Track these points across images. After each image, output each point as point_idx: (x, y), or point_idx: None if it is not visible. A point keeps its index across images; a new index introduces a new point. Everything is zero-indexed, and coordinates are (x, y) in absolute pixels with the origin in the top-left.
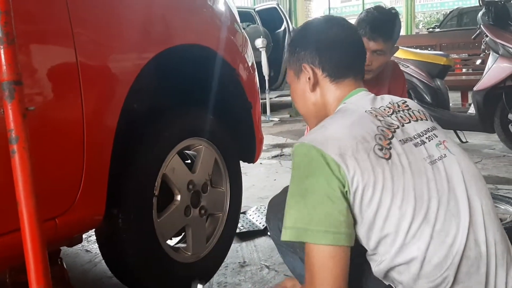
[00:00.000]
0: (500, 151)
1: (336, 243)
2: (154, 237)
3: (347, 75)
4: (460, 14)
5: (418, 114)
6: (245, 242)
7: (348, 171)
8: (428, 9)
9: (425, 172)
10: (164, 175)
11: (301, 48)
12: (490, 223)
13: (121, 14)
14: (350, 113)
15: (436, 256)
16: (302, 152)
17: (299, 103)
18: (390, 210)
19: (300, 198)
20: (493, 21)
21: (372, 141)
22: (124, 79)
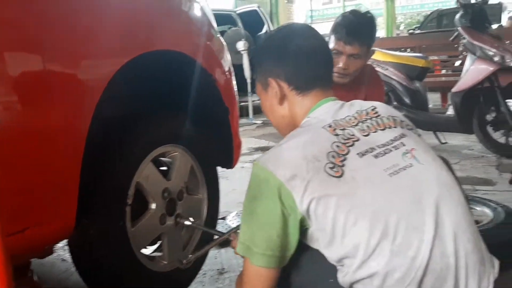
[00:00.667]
0: (478, 151)
1: (268, 266)
2: (128, 247)
3: (314, 86)
4: (440, 15)
5: (387, 121)
6: (224, 248)
7: (297, 194)
8: (409, 11)
9: (384, 185)
10: (138, 184)
11: (266, 62)
12: (460, 233)
13: (91, 19)
14: (307, 131)
15: (397, 271)
16: (254, 172)
17: (269, 115)
18: (345, 228)
19: (249, 217)
20: (470, 23)
21: (324, 159)
22: (95, 86)
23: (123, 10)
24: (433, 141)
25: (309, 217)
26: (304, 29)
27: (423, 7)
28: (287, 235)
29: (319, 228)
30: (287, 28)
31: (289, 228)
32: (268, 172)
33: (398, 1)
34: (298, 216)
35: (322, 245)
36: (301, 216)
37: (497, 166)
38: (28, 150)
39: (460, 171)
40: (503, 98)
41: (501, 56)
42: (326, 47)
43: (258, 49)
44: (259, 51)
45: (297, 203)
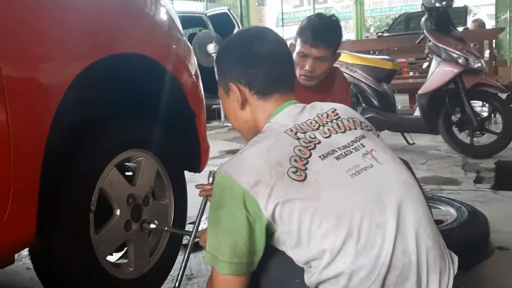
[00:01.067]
0: (445, 152)
1: (236, 273)
2: (92, 254)
3: (275, 90)
4: (407, 18)
5: (347, 123)
6: (193, 253)
7: (261, 200)
8: (378, 14)
9: (347, 186)
10: (101, 190)
11: (226, 67)
12: (421, 230)
13: (50, 21)
14: (269, 136)
15: (363, 269)
16: (217, 181)
17: (231, 119)
18: (311, 229)
19: (214, 226)
20: (435, 26)
21: (287, 164)
22: (54, 90)
23: (85, 12)
24: (401, 142)
25: (275, 222)
26: (264, 33)
27: (392, 10)
28: (254, 241)
29: (285, 231)
30: (247, 32)
31: (255, 235)
32: (231, 179)
33: (367, 4)
34: (264, 221)
35: (289, 248)
36: (266, 221)
37: (463, 166)
38: None
39: (427, 171)
40: (467, 99)
41: (465, 58)
42: (286, 51)
43: (218, 53)
44: (219, 55)
45: (262, 208)
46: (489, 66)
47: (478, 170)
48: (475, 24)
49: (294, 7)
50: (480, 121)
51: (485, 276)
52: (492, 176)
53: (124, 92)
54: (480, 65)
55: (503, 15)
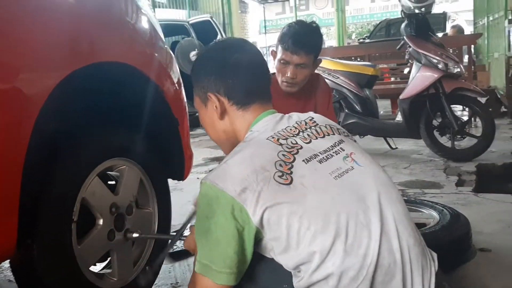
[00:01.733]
0: (427, 156)
1: (227, 283)
2: (75, 265)
3: (254, 100)
4: (388, 25)
5: (325, 129)
6: (178, 262)
7: (249, 206)
8: (359, 21)
9: (331, 188)
10: (83, 199)
11: (204, 76)
12: (403, 229)
13: (29, 30)
14: (251, 144)
15: (351, 269)
16: (203, 191)
17: (209, 130)
18: (299, 232)
19: (203, 236)
20: (415, 32)
21: (272, 169)
22: (34, 100)
23: (65, 20)
24: (384, 147)
25: (263, 228)
26: (241, 44)
27: (373, 17)
28: (244, 250)
29: (273, 237)
30: (225, 43)
31: (245, 243)
32: (217, 189)
33: (349, 12)
34: (253, 229)
35: (277, 253)
36: (255, 228)
37: (445, 170)
38: None
39: (410, 175)
40: (448, 103)
41: (445, 63)
42: (263, 61)
43: (195, 64)
44: (197, 66)
45: (250, 215)
46: (468, 71)
47: (459, 174)
48: (453, 30)
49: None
50: (461, 125)
51: (468, 278)
52: (473, 179)
53: (106, 100)
54: (459, 70)
55: (481, 20)
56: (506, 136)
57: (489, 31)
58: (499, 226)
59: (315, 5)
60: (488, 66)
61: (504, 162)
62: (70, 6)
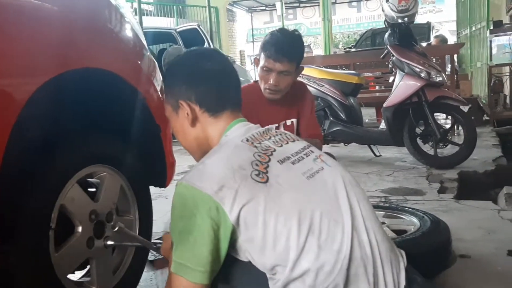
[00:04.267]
0: (410, 163)
1: (201, 282)
2: (52, 273)
3: (225, 107)
4: (374, 34)
5: (292, 137)
6: (160, 270)
7: (226, 205)
8: (346, 30)
9: (305, 187)
10: (62, 206)
11: (176, 84)
12: (370, 225)
13: (11, 34)
14: (228, 146)
15: (327, 264)
16: (178, 192)
17: (180, 138)
18: (276, 229)
19: (178, 236)
20: (398, 42)
21: (249, 168)
22: (10, 106)
23: (45, 26)
24: (368, 154)
25: (239, 226)
26: (211, 53)
27: (359, 26)
28: (218, 249)
29: (248, 238)
30: (196, 52)
31: (220, 242)
32: (194, 189)
33: (336, 21)
34: (229, 227)
35: (253, 254)
36: (231, 226)
37: (427, 177)
38: None
39: (393, 182)
40: (430, 112)
41: (427, 72)
42: (233, 70)
43: (167, 72)
44: (168, 73)
45: (227, 213)
46: (451, 80)
47: (441, 181)
48: (437, 39)
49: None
50: (443, 133)
51: (448, 284)
52: (455, 186)
53: (87, 107)
54: (441, 79)
55: (464, 31)
56: (488, 144)
57: (472, 41)
58: (480, 233)
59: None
60: (470, 75)
61: (485, 170)
62: (53, 12)
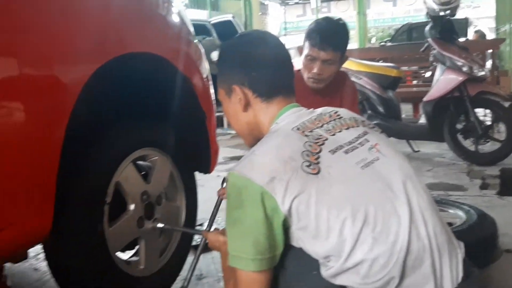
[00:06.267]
0: (449, 159)
1: (260, 269)
2: (104, 247)
3: (278, 93)
4: (410, 29)
5: (350, 122)
6: (202, 254)
7: (278, 195)
8: (380, 24)
9: (358, 178)
10: (117, 183)
11: (229, 68)
12: (429, 216)
13: (66, 22)
14: (278, 135)
15: (382, 256)
16: (231, 182)
17: (232, 121)
18: (329, 221)
19: (232, 227)
20: (439, 35)
21: (300, 159)
22: (71, 87)
23: (98, 12)
24: (406, 150)
25: (291, 216)
26: (266, 36)
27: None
28: (274, 235)
29: (301, 227)
30: (250, 35)
31: (274, 230)
32: (245, 179)
33: (370, 15)
34: (281, 216)
35: (306, 242)
36: (283, 216)
37: (468, 173)
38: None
39: (433, 177)
40: (472, 107)
41: (469, 66)
42: (287, 55)
43: (220, 55)
44: (222, 57)
45: (279, 204)
46: (491, 76)
47: (483, 177)
48: (476, 34)
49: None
50: (485, 129)
51: (493, 278)
52: (497, 183)
53: (139, 91)
54: (483, 73)
55: (503, 27)
56: None
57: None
58: None
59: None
60: (510, 71)
61: None
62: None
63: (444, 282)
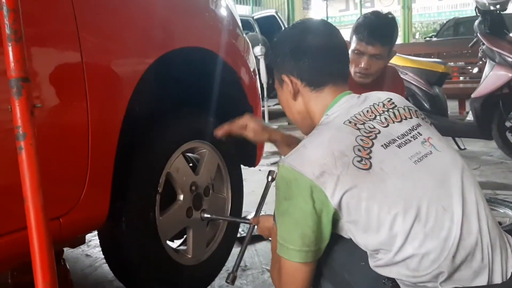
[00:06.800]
0: (497, 158)
1: (306, 261)
2: (156, 234)
3: (327, 82)
4: (457, 24)
5: (403, 112)
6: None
7: (327, 189)
8: (426, 19)
9: (411, 173)
10: (168, 174)
11: (279, 58)
12: (482, 210)
13: (124, 18)
14: (329, 128)
15: (432, 252)
16: (281, 174)
17: (286, 110)
18: (380, 216)
19: (281, 217)
20: (489, 30)
21: (351, 154)
22: (128, 81)
23: (154, 8)
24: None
25: (341, 210)
26: (318, 25)
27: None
28: (321, 229)
29: (350, 220)
30: (301, 24)
31: (322, 223)
32: (296, 172)
33: (416, 9)
34: (331, 210)
35: (356, 235)
36: (333, 210)
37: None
38: (66, 138)
39: (480, 176)
40: None
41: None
42: (341, 43)
43: (273, 46)
44: (274, 48)
45: (329, 198)
46: None
47: None
48: None
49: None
50: None
51: None
52: None
53: (189, 84)
54: None
55: None
56: None
57: None
58: None
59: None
60: None
61: None
62: None
63: (494, 276)
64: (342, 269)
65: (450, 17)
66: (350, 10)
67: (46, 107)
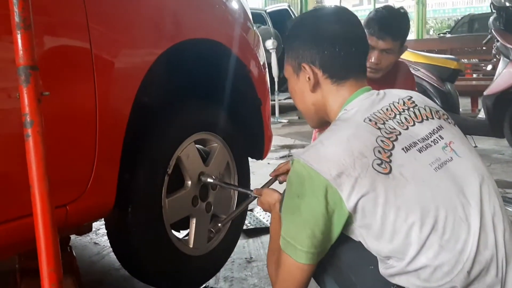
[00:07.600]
0: (509, 156)
1: (311, 262)
2: (160, 213)
3: (350, 75)
4: (471, 20)
5: (424, 111)
6: (252, 238)
7: (344, 191)
8: (440, 15)
9: (431, 180)
10: (178, 158)
11: (300, 45)
12: (498, 222)
13: (133, 8)
14: (348, 125)
15: (446, 264)
16: (296, 170)
17: (297, 100)
18: (395, 223)
19: (290, 214)
20: (504, 26)
21: (371, 155)
22: (136, 70)
23: None
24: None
25: (355, 213)
26: (342, 13)
27: (455, 11)
28: (331, 231)
29: (363, 225)
30: (324, 11)
31: (332, 225)
32: (311, 170)
33: (430, 5)
34: (345, 213)
35: (368, 240)
36: (347, 213)
37: None
38: (73, 126)
39: None
40: None
41: None
42: (363, 34)
43: (290, 30)
44: (291, 33)
45: (344, 200)
46: None
47: None
48: None
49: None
50: None
51: None
52: None
53: (199, 76)
54: None
55: None
56: None
57: None
58: None
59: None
60: None
61: None
62: None
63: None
64: (349, 270)
65: (465, 13)
66: (363, 5)
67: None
